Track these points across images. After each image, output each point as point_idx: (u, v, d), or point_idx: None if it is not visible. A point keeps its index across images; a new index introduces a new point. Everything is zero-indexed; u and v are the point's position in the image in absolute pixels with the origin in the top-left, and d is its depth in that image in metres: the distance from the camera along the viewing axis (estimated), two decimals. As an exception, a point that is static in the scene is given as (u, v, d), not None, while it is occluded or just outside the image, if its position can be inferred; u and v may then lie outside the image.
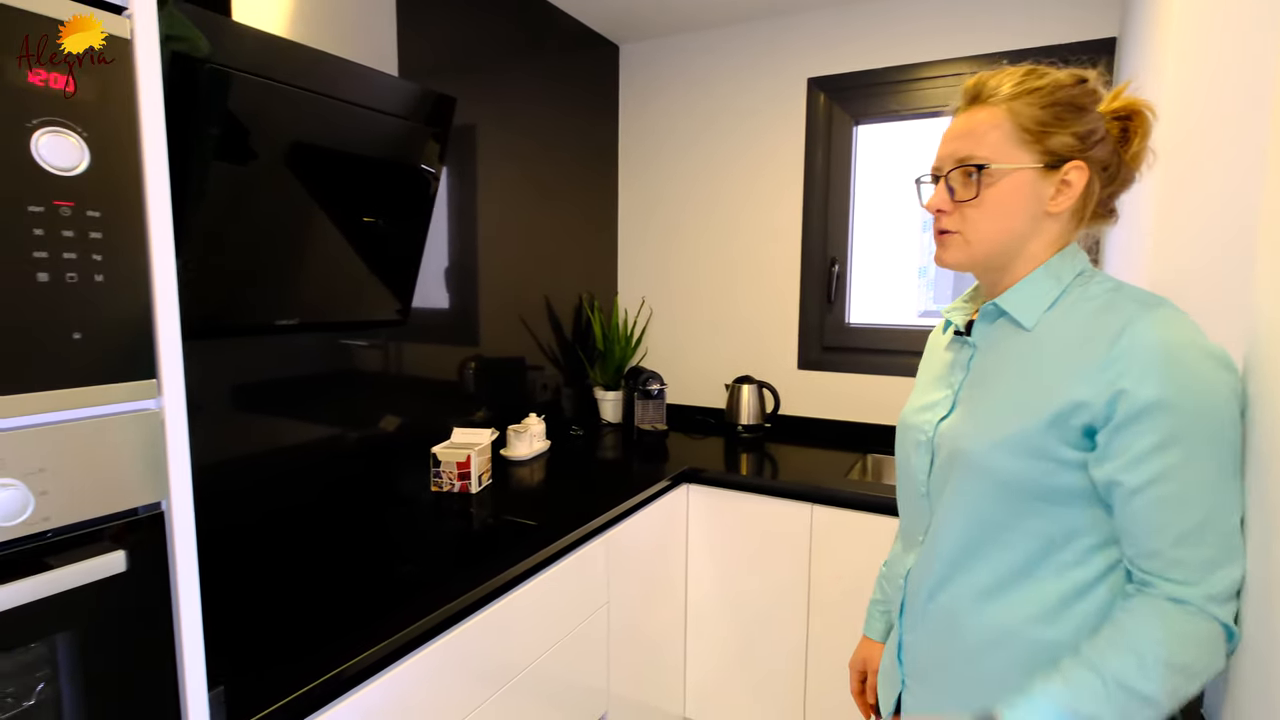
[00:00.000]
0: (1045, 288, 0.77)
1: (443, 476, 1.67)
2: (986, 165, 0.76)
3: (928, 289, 2.77)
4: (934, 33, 2.08)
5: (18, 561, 0.61)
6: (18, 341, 0.60)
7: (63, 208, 0.62)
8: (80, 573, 0.63)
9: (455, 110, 1.43)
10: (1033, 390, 0.74)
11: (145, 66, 0.67)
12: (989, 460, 0.75)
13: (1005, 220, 0.77)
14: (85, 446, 0.65)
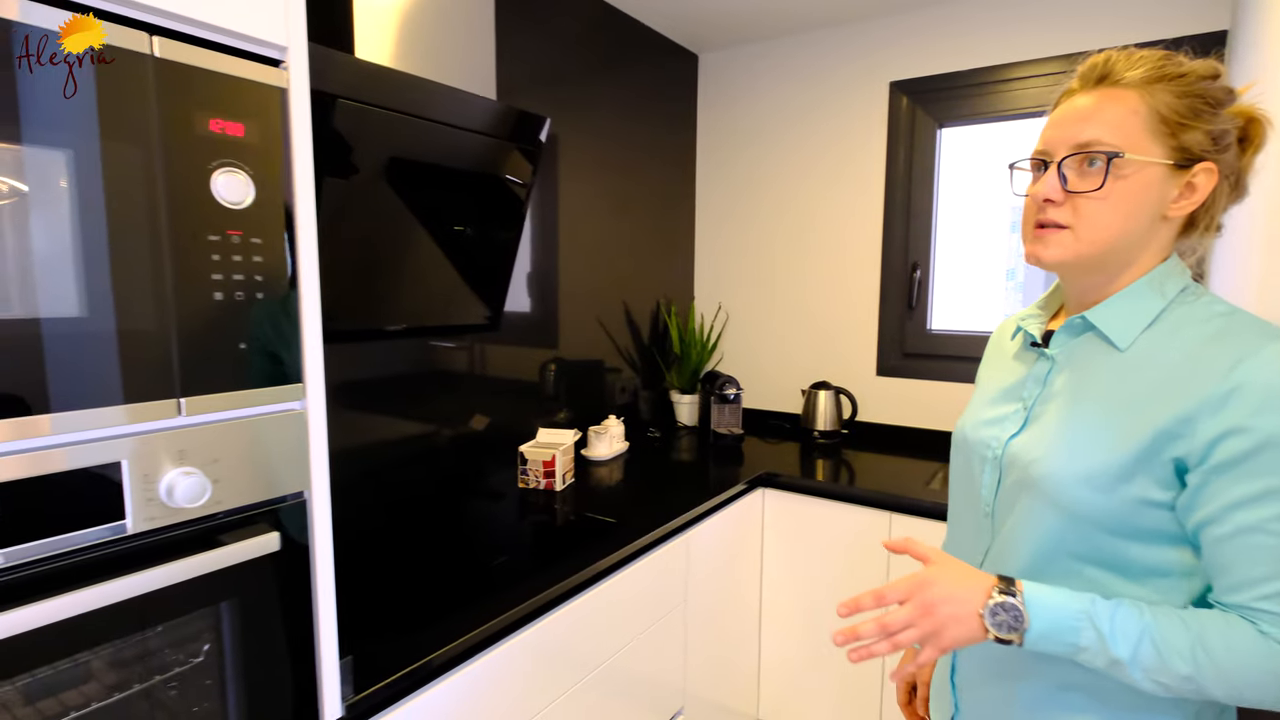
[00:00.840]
0: (1146, 304, 0.70)
1: (529, 474, 1.76)
2: (1120, 154, 0.67)
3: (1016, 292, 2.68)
4: (1024, 32, 2.03)
5: (197, 538, 0.72)
6: (200, 351, 0.71)
7: (233, 236, 0.73)
8: (245, 550, 0.73)
9: (543, 126, 1.51)
10: (1123, 418, 0.68)
11: (298, 111, 0.77)
12: (1066, 491, 0.69)
13: (1127, 219, 0.69)
14: (247, 441, 0.75)
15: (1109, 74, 0.70)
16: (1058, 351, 0.77)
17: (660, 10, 2.20)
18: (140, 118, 0.65)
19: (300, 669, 0.83)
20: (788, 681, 1.99)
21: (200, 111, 0.69)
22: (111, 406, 0.65)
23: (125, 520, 0.67)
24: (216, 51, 0.70)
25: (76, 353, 0.62)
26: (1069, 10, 1.96)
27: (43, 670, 0.63)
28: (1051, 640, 0.66)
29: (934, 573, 0.70)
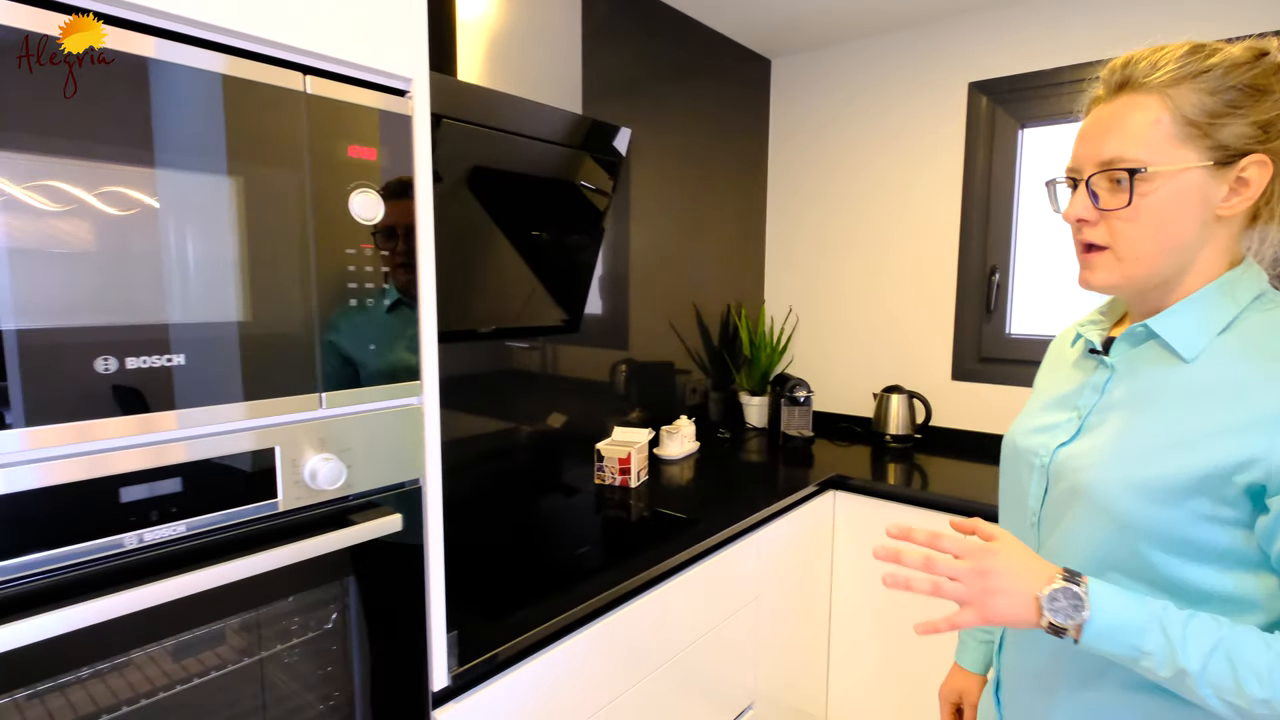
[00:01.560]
0: (1215, 312, 0.66)
1: (605, 470, 1.83)
2: (1142, 169, 0.64)
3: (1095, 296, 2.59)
4: (1108, 25, 1.97)
5: (332, 518, 0.81)
6: (335, 354, 0.80)
7: (366, 249, 0.81)
8: (373, 529, 0.82)
9: (616, 135, 1.56)
10: (1188, 432, 0.64)
11: (420, 135, 0.86)
12: (1119, 501, 0.66)
13: (1167, 234, 0.66)
14: (374, 432, 0.84)
15: (1128, 79, 0.67)
16: (1118, 360, 0.73)
17: (733, 18, 2.23)
18: (296, 147, 0.74)
19: (413, 640, 0.92)
20: (856, 686, 1.99)
21: (342, 140, 0.78)
22: (268, 399, 0.74)
23: (277, 499, 0.76)
24: (355, 86, 0.79)
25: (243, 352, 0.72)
26: (1155, 5, 1.89)
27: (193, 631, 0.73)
28: (1112, 640, 0.61)
29: (1001, 546, 0.67)
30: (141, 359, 0.65)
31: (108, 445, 0.64)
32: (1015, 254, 2.20)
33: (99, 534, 0.63)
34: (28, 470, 0.59)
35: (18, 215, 0.57)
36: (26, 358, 0.58)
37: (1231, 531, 0.62)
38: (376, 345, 0.84)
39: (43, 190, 0.59)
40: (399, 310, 0.86)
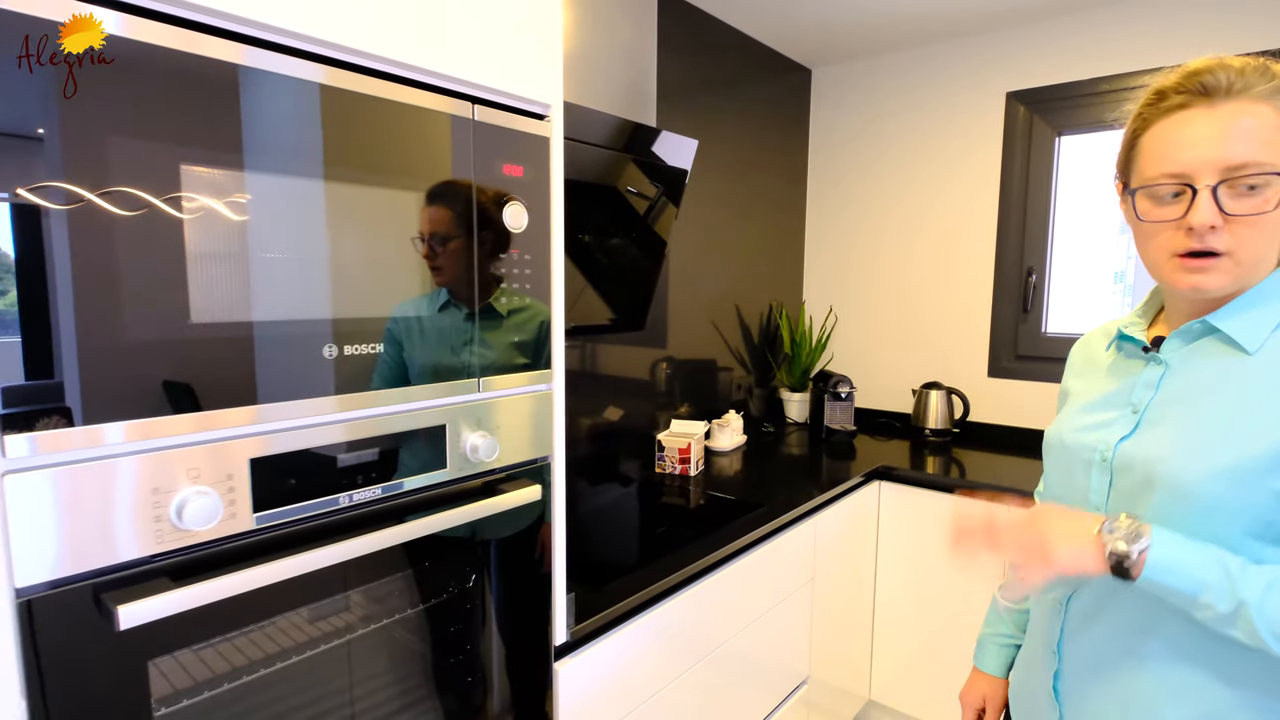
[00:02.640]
0: (1276, 304, 0.70)
1: (666, 460, 1.95)
2: (1259, 168, 0.65)
3: (1125, 295, 2.68)
4: (1142, 38, 2.06)
5: (486, 487, 0.94)
6: (489, 343, 0.92)
7: (514, 254, 0.94)
8: (520, 497, 0.94)
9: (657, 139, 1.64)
10: (1259, 415, 0.67)
11: (555, 154, 0.98)
12: (1200, 487, 0.68)
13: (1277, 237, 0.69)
14: (516, 414, 0.96)
15: (1233, 87, 0.67)
16: (1171, 356, 0.76)
17: (776, 30, 2.35)
18: (466, 167, 0.87)
19: (539, 600, 1.04)
20: (899, 666, 2.10)
21: (498, 159, 0.90)
22: (441, 383, 0.87)
23: (446, 469, 0.88)
24: (509, 112, 0.91)
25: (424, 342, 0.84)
26: (1186, 18, 1.99)
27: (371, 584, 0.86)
28: (1173, 573, 0.64)
29: (1044, 509, 0.73)
30: (354, 347, 0.77)
31: (329, 419, 0.76)
32: (1051, 256, 2.30)
33: (324, 492, 0.76)
34: (284, 437, 0.72)
35: (283, 229, 0.70)
36: (281, 345, 0.71)
37: None
38: (519, 338, 0.96)
39: (299, 206, 0.71)
40: (534, 307, 0.98)
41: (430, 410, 0.86)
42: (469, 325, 0.89)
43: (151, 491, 0.63)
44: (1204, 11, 1.98)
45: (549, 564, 1.04)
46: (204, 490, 0.65)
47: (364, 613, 0.85)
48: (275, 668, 0.77)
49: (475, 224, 0.88)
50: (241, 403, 0.68)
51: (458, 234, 0.87)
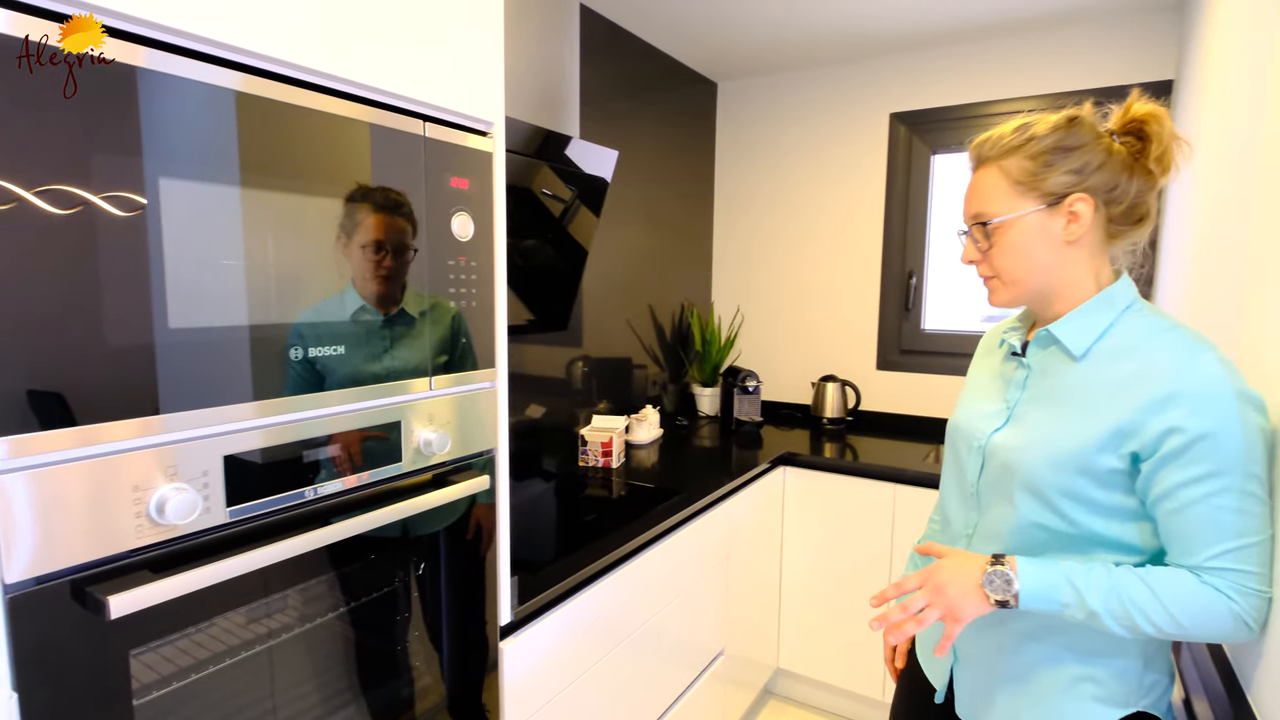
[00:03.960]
0: (1096, 320, 0.84)
1: (589, 454, 2.04)
2: (989, 220, 0.86)
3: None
4: (1005, 73, 2.37)
5: (438, 479, 1.00)
6: (441, 344, 0.99)
7: (461, 261, 1.00)
8: (474, 486, 1.01)
9: (568, 146, 1.74)
10: (1087, 415, 0.81)
11: (498, 167, 1.05)
12: (1039, 473, 0.83)
13: (1029, 260, 0.85)
14: (464, 410, 1.03)
15: (979, 156, 0.88)
16: (1032, 360, 0.91)
17: (686, 46, 2.49)
18: (416, 181, 0.93)
19: (485, 583, 1.11)
20: (804, 633, 2.30)
21: (446, 172, 0.97)
22: (397, 381, 0.92)
23: (401, 462, 0.94)
24: (455, 129, 0.98)
25: (382, 343, 0.90)
26: (1041, 59, 2.30)
27: (327, 574, 0.91)
28: (1040, 599, 0.79)
29: (942, 563, 0.86)
30: (319, 349, 0.82)
31: (296, 417, 0.81)
32: (928, 261, 2.57)
33: (293, 486, 0.80)
34: (246, 436, 0.76)
35: (255, 239, 0.74)
36: (253, 348, 0.75)
37: (1122, 491, 0.81)
38: (466, 339, 1.03)
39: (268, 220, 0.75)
40: (484, 310, 1.05)
41: (387, 408, 0.92)
42: (421, 329, 0.95)
43: (132, 489, 0.66)
44: (1053, 53, 2.29)
45: (495, 548, 1.12)
46: (181, 487, 0.69)
47: (322, 603, 0.90)
48: (240, 658, 0.80)
49: (426, 233, 0.95)
50: (217, 402, 0.72)
51: (410, 243, 0.93)
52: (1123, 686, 0.85)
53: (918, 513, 2.07)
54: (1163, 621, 0.76)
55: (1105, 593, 0.77)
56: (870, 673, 2.19)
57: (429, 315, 0.97)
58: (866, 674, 2.19)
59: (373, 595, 0.96)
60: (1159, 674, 0.87)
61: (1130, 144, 0.83)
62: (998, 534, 0.89)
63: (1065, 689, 0.86)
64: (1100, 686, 0.85)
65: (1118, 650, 0.84)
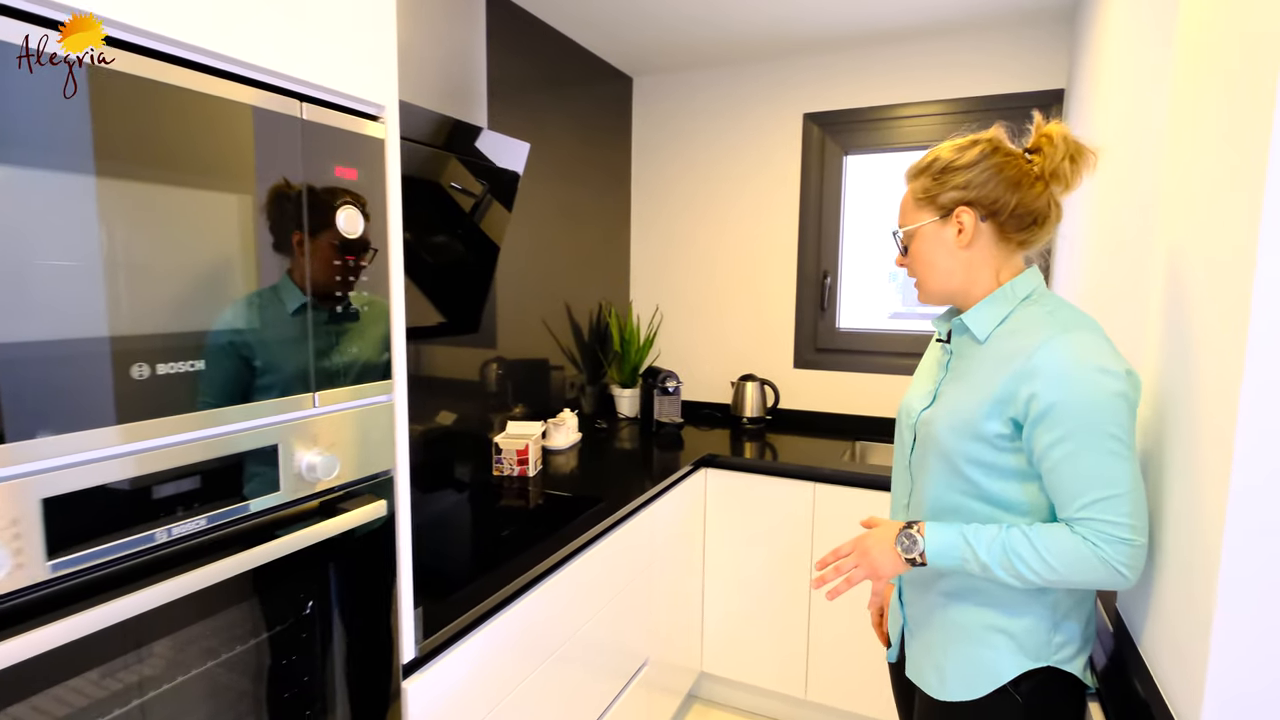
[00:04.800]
0: (995, 310, 0.97)
1: (504, 462, 1.94)
2: (899, 231, 1.05)
3: (897, 293, 3.13)
4: (911, 78, 2.43)
5: (328, 507, 0.88)
6: (326, 355, 0.87)
7: (349, 261, 0.89)
8: (367, 514, 0.90)
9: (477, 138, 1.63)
10: (978, 388, 0.94)
11: (391, 156, 0.95)
12: (946, 439, 0.96)
13: (935, 263, 1.00)
14: (356, 427, 0.92)
15: (905, 178, 1.05)
16: (954, 345, 1.04)
17: (600, 38, 2.42)
18: (294, 169, 0.81)
19: (385, 618, 1.00)
20: (726, 635, 2.28)
21: (330, 161, 0.86)
22: (272, 399, 0.81)
23: (280, 491, 0.82)
24: (339, 112, 0.87)
25: (250, 357, 0.78)
26: (944, 65, 2.37)
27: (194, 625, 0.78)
28: (941, 556, 0.93)
29: (869, 531, 1.02)
30: (171, 365, 0.70)
31: (142, 447, 0.68)
32: (842, 260, 2.61)
33: (137, 529, 0.68)
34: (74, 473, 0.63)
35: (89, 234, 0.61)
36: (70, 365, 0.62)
37: (1011, 453, 0.93)
38: (358, 348, 0.92)
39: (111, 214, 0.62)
40: (371, 316, 0.94)
41: (260, 430, 0.80)
42: (300, 338, 0.84)
43: (-92, 548, 0.53)
44: (955, 60, 2.36)
45: (394, 580, 1.01)
46: (-19, 540, 0.56)
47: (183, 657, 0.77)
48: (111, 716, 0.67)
49: (306, 229, 0.83)
50: (29, 434, 0.59)
51: (285, 241, 0.81)
52: (1032, 641, 0.95)
53: (837, 511, 2.08)
54: (1041, 568, 0.87)
55: (991, 546, 0.90)
56: (792, 670, 2.19)
57: (313, 322, 0.85)
58: (789, 672, 2.20)
59: (248, 644, 0.84)
60: (1069, 636, 0.97)
61: (1034, 160, 0.97)
62: (923, 501, 1.02)
63: (981, 639, 0.98)
64: (1012, 639, 0.96)
65: (1026, 610, 0.96)
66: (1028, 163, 0.96)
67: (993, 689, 0.96)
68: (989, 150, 0.97)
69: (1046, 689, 0.95)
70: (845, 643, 2.11)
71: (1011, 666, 0.95)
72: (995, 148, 0.97)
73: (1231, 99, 0.70)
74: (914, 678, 1.06)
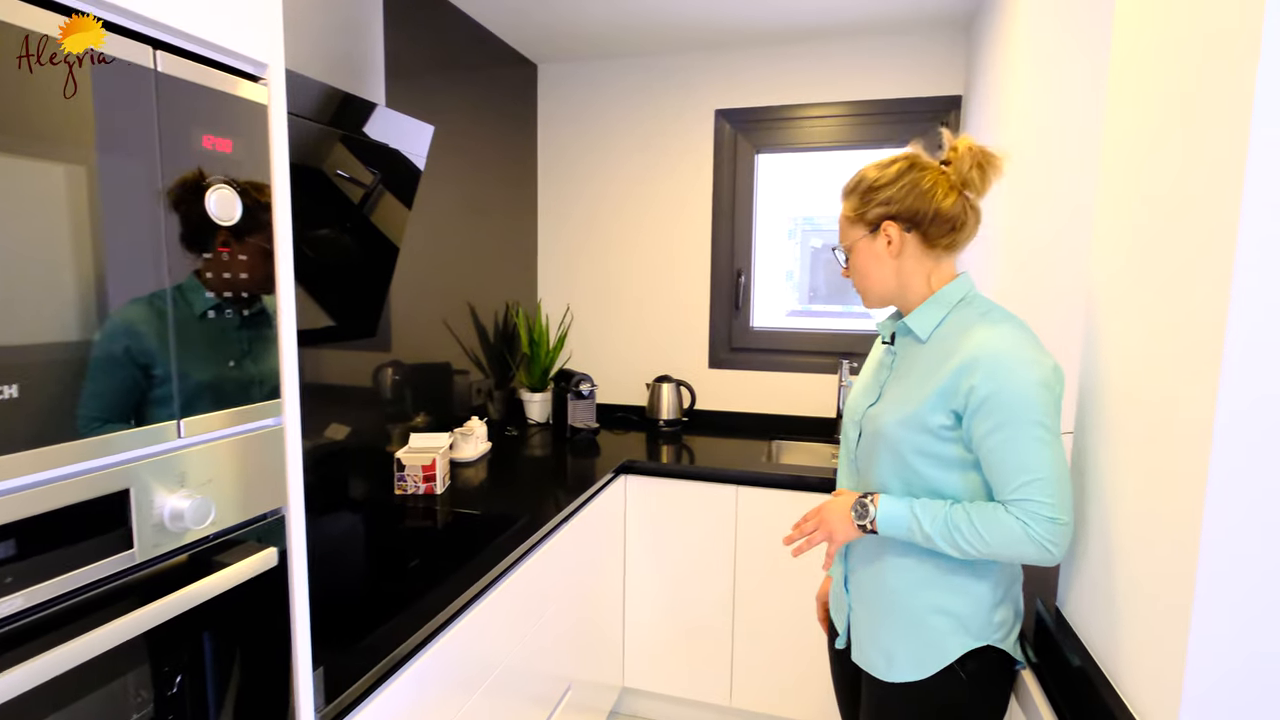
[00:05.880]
0: (934, 312, 1.06)
1: (408, 480, 1.75)
2: (838, 246, 1.13)
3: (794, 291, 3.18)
4: (816, 80, 2.44)
5: (201, 562, 0.70)
6: (195, 371, 0.69)
7: (224, 253, 0.72)
8: (252, 567, 0.73)
9: (371, 116, 1.43)
10: (923, 384, 1.01)
11: (277, 127, 0.77)
12: (894, 434, 1.03)
13: (867, 273, 1.09)
14: (237, 459, 0.75)
15: (840, 198, 1.12)
16: (898, 347, 1.11)
17: (503, 19, 2.26)
18: (145, 134, 0.63)
19: (278, 682, 0.83)
20: (649, 648, 2.20)
21: (195, 128, 0.68)
22: (118, 432, 0.62)
23: (133, 549, 0.64)
24: (209, 67, 0.69)
25: (77, 378, 0.59)
26: (847, 67, 2.40)
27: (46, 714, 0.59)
28: (891, 525, 1.01)
29: (829, 500, 1.11)
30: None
31: (-82, 509, 0.49)
32: (755, 259, 2.60)
33: (-86, 625, 0.49)
34: None
35: None
36: None
37: (954, 444, 1.00)
38: (236, 362, 0.74)
39: None
40: (254, 321, 0.77)
41: (103, 474, 0.61)
42: (157, 349, 0.66)
43: None
44: (858, 63, 2.40)
45: (288, 639, 0.84)
46: None
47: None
48: None
49: (163, 213, 0.65)
50: None
51: (134, 226, 0.63)
52: (975, 622, 1.02)
53: (760, 513, 2.05)
54: (976, 542, 0.95)
55: (935, 519, 0.98)
56: (716, 678, 2.14)
57: (175, 330, 0.67)
58: (713, 680, 2.15)
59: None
60: (1005, 616, 1.05)
61: (948, 170, 1.05)
62: (873, 489, 1.09)
63: (928, 622, 1.03)
64: (956, 620, 1.03)
65: (968, 592, 1.03)
66: (942, 174, 1.04)
67: (940, 668, 1.03)
68: (906, 167, 1.06)
69: (987, 667, 1.03)
70: (770, 646, 2.08)
71: (956, 646, 1.02)
72: (912, 163, 1.06)
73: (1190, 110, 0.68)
74: (861, 662, 1.12)
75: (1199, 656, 0.64)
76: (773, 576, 2.05)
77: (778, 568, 2.04)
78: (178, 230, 0.67)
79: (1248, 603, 0.62)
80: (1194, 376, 0.65)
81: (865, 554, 1.12)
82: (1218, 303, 0.61)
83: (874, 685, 1.09)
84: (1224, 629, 0.63)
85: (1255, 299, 0.59)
